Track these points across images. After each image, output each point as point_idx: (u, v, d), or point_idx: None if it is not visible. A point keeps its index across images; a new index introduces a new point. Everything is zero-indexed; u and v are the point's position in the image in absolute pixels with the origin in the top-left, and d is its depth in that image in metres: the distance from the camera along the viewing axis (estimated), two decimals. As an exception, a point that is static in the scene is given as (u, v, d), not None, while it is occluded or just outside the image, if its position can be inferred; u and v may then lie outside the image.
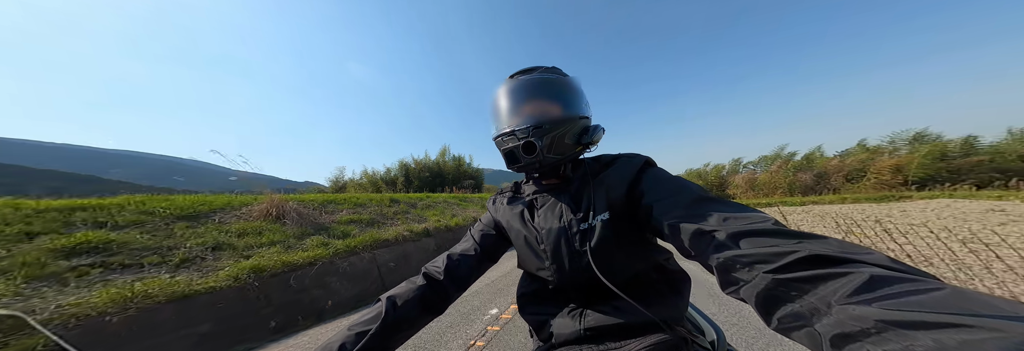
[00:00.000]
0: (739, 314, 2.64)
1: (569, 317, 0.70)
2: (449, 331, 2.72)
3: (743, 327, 2.39)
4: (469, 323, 2.88)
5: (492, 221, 0.85)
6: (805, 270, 0.33)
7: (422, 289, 0.69)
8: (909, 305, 0.24)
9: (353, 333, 0.57)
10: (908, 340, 0.22)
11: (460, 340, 2.54)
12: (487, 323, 2.86)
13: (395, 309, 0.63)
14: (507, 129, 0.72)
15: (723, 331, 0.78)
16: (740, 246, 0.41)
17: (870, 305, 0.26)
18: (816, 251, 0.34)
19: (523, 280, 0.86)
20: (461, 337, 2.59)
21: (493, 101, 0.81)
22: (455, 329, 2.75)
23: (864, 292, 0.27)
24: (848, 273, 0.30)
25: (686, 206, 0.54)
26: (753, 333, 2.28)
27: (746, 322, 2.47)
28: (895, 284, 0.27)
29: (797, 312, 0.32)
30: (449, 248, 0.82)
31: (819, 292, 0.31)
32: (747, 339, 2.21)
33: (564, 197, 0.73)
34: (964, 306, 0.23)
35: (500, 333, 2.60)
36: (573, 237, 0.68)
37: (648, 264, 0.71)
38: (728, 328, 2.38)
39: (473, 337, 2.57)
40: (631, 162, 0.72)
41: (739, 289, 0.39)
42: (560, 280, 0.72)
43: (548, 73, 0.79)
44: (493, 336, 2.56)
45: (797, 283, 0.33)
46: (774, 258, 0.36)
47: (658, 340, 0.59)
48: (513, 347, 2.37)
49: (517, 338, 2.50)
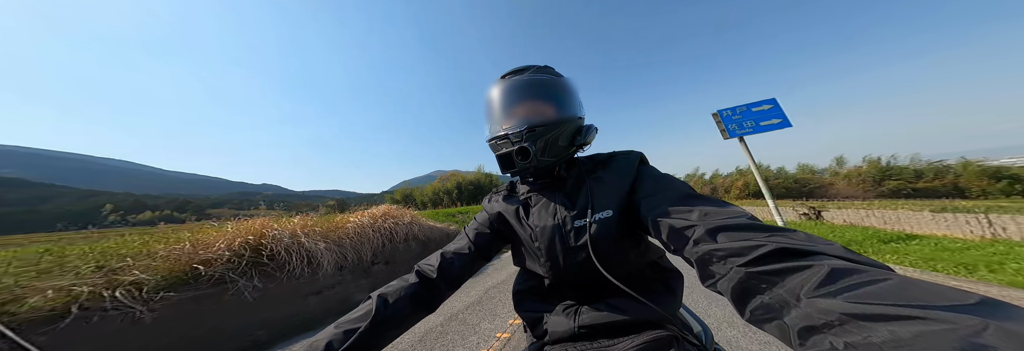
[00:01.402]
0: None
1: (564, 314, 0.71)
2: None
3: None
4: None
5: (487, 220, 0.84)
6: (773, 263, 0.35)
7: (414, 287, 0.68)
8: (867, 296, 0.26)
9: (341, 331, 0.55)
10: (867, 332, 0.24)
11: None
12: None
13: (386, 307, 0.61)
14: (500, 132, 0.72)
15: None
16: (717, 240, 0.42)
17: (833, 298, 0.27)
18: (783, 244, 0.36)
19: (519, 277, 0.87)
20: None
21: (486, 102, 0.80)
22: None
23: (827, 284, 0.29)
24: (811, 266, 0.32)
25: (672, 202, 0.55)
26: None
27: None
28: (853, 276, 0.29)
29: (767, 304, 0.33)
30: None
31: (786, 284, 0.32)
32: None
33: (558, 195, 0.73)
34: (916, 297, 0.24)
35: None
36: (568, 234, 0.68)
37: (644, 261, 0.72)
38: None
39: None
40: (628, 159, 0.72)
41: (716, 282, 0.40)
42: (555, 277, 0.73)
43: (540, 73, 0.78)
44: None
45: (767, 276, 0.34)
46: (746, 251, 0.37)
47: (651, 337, 0.60)
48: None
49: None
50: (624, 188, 0.67)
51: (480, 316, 3.23)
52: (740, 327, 2.36)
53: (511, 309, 3.27)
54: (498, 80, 0.80)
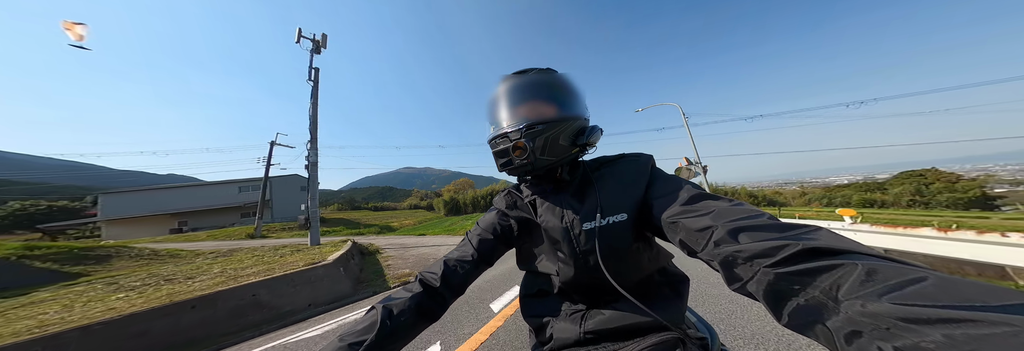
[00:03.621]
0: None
1: (570, 320, 0.69)
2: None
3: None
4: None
5: (491, 225, 0.83)
6: (804, 263, 0.33)
7: (418, 296, 0.66)
8: (913, 297, 0.24)
9: (346, 344, 0.54)
10: (919, 336, 0.22)
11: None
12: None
13: (391, 318, 0.60)
14: (500, 131, 0.71)
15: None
16: (739, 241, 0.41)
17: (878, 299, 0.26)
18: (811, 244, 0.34)
19: (525, 281, 0.86)
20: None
21: (488, 103, 0.79)
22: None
23: (866, 285, 0.28)
24: (843, 264, 0.30)
25: (684, 203, 0.54)
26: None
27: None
28: (892, 275, 0.27)
29: (804, 307, 0.32)
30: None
31: (820, 285, 0.31)
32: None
33: (564, 198, 0.72)
34: (967, 296, 0.23)
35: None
36: (576, 238, 0.66)
37: (654, 266, 0.71)
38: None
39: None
40: (640, 161, 0.71)
41: (745, 285, 0.39)
42: (562, 281, 0.72)
43: (544, 73, 0.78)
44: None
45: (798, 276, 0.33)
46: (772, 252, 0.36)
47: (657, 340, 0.59)
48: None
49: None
50: (638, 190, 0.65)
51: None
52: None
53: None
54: (502, 80, 0.79)
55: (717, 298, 3.12)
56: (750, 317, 2.61)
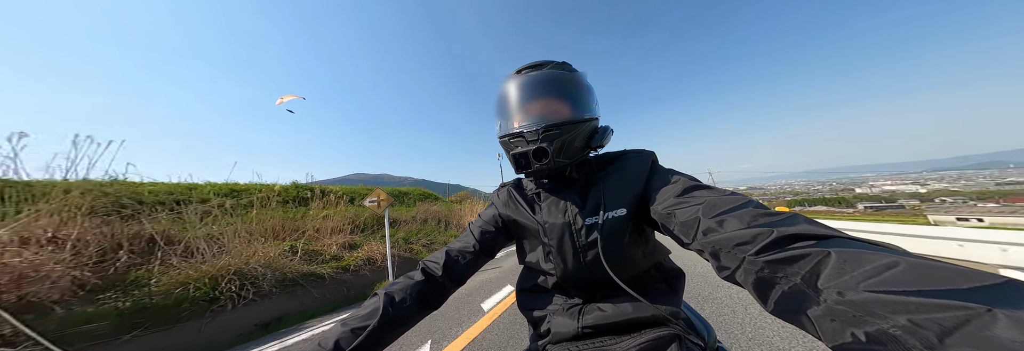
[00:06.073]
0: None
1: (567, 314, 0.70)
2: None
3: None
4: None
5: (493, 217, 0.84)
6: (783, 250, 0.34)
7: (420, 285, 0.68)
8: (884, 284, 0.26)
9: (348, 329, 0.55)
10: (888, 322, 0.24)
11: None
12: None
13: (393, 305, 0.62)
14: (514, 129, 0.71)
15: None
16: (724, 229, 0.42)
17: (852, 286, 0.27)
18: (788, 231, 0.35)
19: (523, 275, 0.86)
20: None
21: (499, 97, 0.78)
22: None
23: (843, 271, 0.29)
24: (822, 251, 0.31)
25: (677, 195, 0.55)
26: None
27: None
28: (867, 261, 0.28)
29: (787, 294, 0.33)
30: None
31: (800, 272, 0.32)
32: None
33: (568, 193, 0.72)
34: (934, 281, 0.24)
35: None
36: (577, 233, 0.67)
37: (651, 262, 0.72)
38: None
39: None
40: (641, 158, 0.71)
41: (733, 273, 0.39)
42: (561, 276, 0.72)
43: (558, 69, 0.75)
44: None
45: (778, 264, 0.34)
46: (754, 239, 0.37)
47: (654, 336, 0.60)
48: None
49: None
50: (638, 186, 0.66)
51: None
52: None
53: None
54: (513, 74, 0.77)
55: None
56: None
